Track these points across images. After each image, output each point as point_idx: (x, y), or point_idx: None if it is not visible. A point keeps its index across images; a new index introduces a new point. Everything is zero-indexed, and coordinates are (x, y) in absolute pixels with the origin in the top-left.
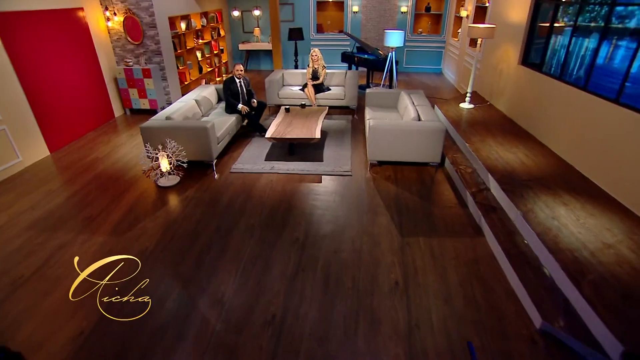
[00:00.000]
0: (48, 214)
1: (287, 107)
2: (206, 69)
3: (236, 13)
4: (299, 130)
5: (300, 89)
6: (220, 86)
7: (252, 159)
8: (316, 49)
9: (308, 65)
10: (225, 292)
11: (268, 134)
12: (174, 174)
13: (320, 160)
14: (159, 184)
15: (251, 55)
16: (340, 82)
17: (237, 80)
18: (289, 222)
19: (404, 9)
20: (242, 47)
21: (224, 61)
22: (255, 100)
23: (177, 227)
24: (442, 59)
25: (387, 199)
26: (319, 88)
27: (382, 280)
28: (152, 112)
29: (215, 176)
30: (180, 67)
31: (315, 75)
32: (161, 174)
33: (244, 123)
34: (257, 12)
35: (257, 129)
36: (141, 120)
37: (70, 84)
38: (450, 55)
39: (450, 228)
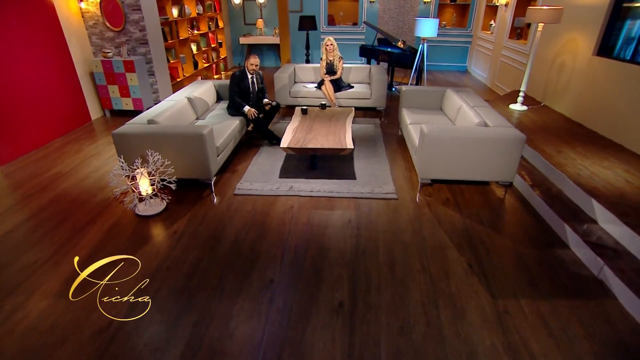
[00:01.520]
0: None
1: (304, 107)
2: (202, 64)
3: (237, 0)
4: (323, 138)
5: (316, 87)
6: (220, 82)
7: (263, 176)
8: (331, 38)
9: (321, 58)
10: None
11: (284, 143)
12: (157, 198)
13: (352, 177)
14: (138, 212)
15: (253, 50)
16: (364, 79)
17: (250, 77)
18: (324, 275)
19: None
20: (243, 40)
21: (222, 56)
22: (268, 101)
23: (159, 284)
24: (467, 56)
25: (454, 235)
26: (338, 85)
27: None
28: (138, 114)
29: (215, 200)
30: (172, 61)
31: (330, 69)
32: (140, 199)
33: (249, 128)
34: (261, 0)
35: (267, 136)
36: (123, 123)
37: (30, 80)
38: (480, 50)
39: (557, 282)
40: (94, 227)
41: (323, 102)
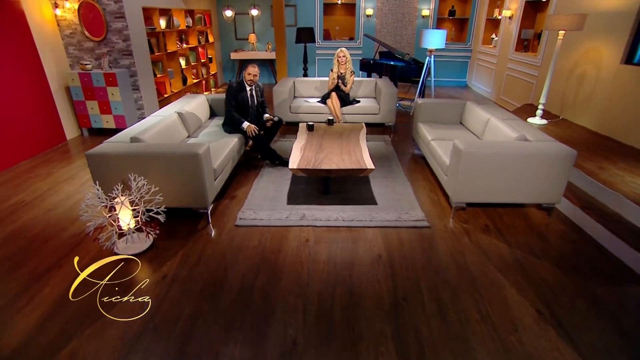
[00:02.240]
0: None
1: (310, 123)
2: (191, 80)
3: (229, 13)
4: (337, 157)
5: (319, 101)
6: (214, 96)
7: (268, 203)
8: (344, 49)
9: (331, 70)
10: None
11: (293, 164)
12: (142, 232)
13: (372, 202)
14: (117, 251)
15: (244, 66)
16: (370, 93)
17: (248, 89)
18: (361, 332)
19: (425, 12)
20: (234, 56)
21: (212, 72)
22: (270, 116)
23: (142, 355)
24: (467, 70)
25: (507, 270)
26: (344, 100)
27: None
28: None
29: (212, 233)
30: (159, 75)
31: (339, 83)
32: (120, 234)
33: (248, 146)
34: (254, 12)
35: (268, 156)
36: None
37: None
38: (482, 65)
39: None
40: (58, 274)
41: (330, 118)
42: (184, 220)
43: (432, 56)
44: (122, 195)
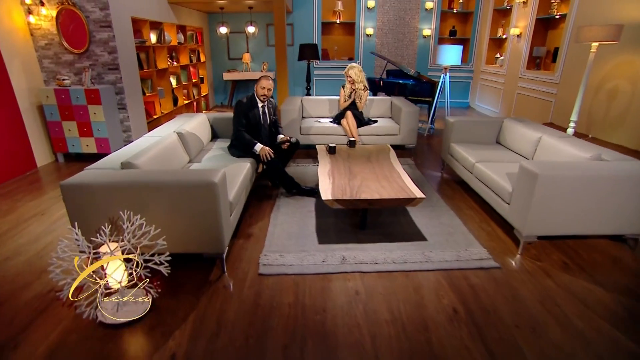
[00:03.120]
0: None
1: (332, 145)
2: (182, 100)
3: (224, 30)
4: (375, 184)
5: (331, 121)
6: (215, 115)
7: (294, 242)
8: (353, 65)
9: (342, 87)
10: None
11: (326, 195)
12: (138, 289)
13: (420, 237)
14: (102, 320)
15: (238, 87)
16: (384, 113)
17: (260, 105)
18: None
19: (426, 32)
20: (227, 76)
21: (203, 93)
22: (286, 137)
23: None
24: (469, 91)
25: (622, 325)
26: (360, 119)
27: None
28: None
29: (231, 286)
30: (148, 94)
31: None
32: (106, 293)
33: (258, 170)
34: (251, 29)
35: (285, 184)
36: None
37: None
38: (486, 85)
39: None
40: (12, 358)
41: (352, 139)
42: (191, 269)
43: (447, 74)
44: (111, 241)
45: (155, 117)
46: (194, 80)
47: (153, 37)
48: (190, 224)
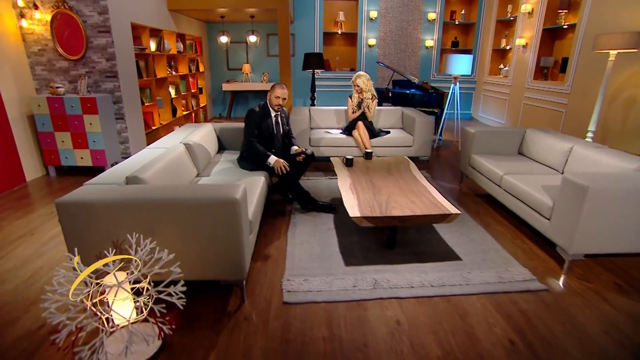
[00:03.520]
0: None
1: (350, 157)
2: (181, 111)
3: (224, 39)
4: (404, 199)
5: (342, 132)
6: (222, 125)
7: (318, 263)
8: (361, 73)
9: (350, 97)
10: None
11: (353, 212)
12: (150, 325)
13: (454, 256)
14: None
15: (237, 98)
16: (395, 124)
17: (274, 115)
18: None
19: (429, 43)
20: (226, 87)
21: (202, 104)
22: (301, 149)
23: None
24: (472, 102)
25: None
26: (371, 130)
27: None
28: (98, 172)
29: (254, 318)
30: (147, 103)
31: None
32: (110, 330)
33: (270, 183)
34: (253, 38)
35: (300, 199)
36: (77, 185)
37: None
38: (490, 96)
39: None
40: None
41: (368, 151)
42: (205, 297)
43: (458, 84)
44: (116, 269)
45: (154, 128)
46: (192, 91)
47: (152, 45)
48: (207, 248)
